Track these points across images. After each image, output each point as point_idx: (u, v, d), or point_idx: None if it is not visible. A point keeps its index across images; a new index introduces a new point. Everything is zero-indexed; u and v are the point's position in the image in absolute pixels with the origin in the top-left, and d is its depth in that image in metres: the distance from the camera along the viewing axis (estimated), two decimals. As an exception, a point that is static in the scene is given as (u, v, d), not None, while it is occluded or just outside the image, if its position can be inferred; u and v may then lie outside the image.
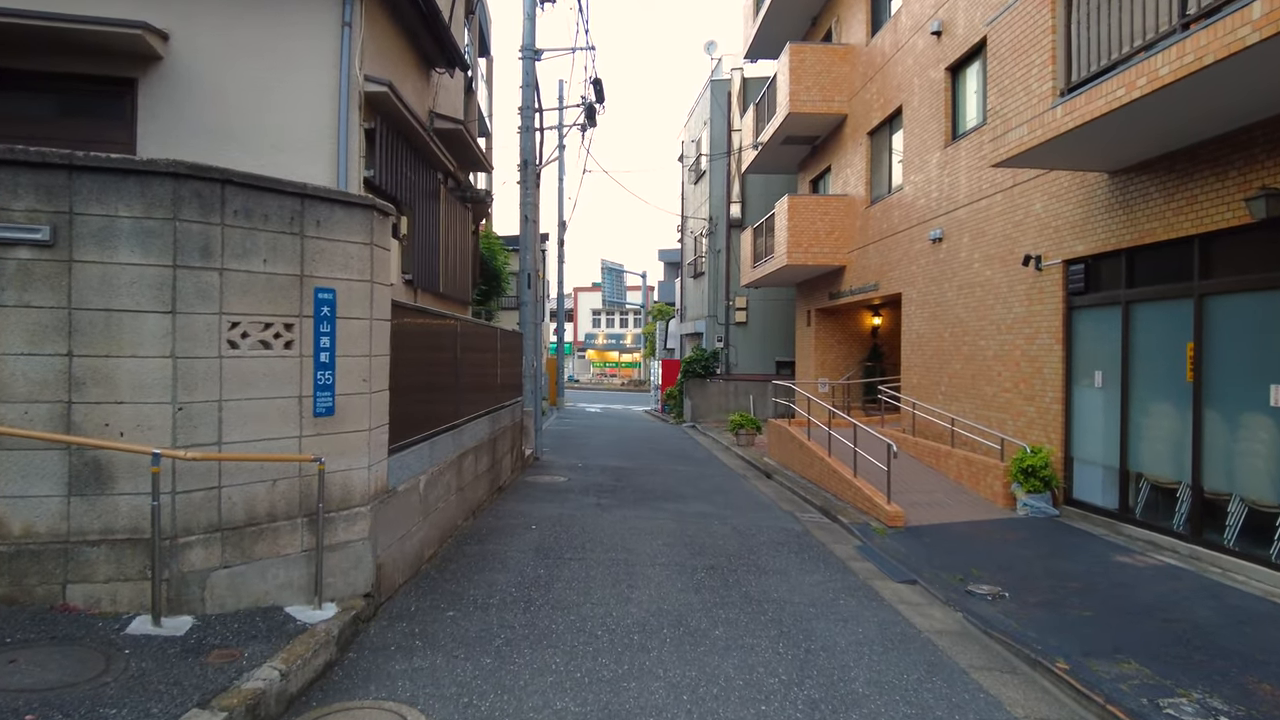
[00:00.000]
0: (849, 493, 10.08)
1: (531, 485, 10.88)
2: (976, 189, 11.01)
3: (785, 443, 13.59)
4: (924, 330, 12.77)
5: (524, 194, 13.53)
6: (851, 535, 8.58)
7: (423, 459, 6.21)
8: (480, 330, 8.56)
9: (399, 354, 5.69)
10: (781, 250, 16.98)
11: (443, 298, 8.79)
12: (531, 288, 13.46)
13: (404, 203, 7.51)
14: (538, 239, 13.68)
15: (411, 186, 7.84)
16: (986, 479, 9.82)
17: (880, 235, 14.76)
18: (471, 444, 8.03)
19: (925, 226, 12.71)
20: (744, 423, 16.97)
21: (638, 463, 13.96)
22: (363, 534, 4.85)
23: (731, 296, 24.46)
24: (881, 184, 15.21)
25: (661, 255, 52.26)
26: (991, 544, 7.91)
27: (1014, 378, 9.99)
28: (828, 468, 11.01)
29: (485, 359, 8.93)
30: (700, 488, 11.39)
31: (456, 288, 9.29)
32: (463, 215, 9.53)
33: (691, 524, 8.68)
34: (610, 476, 12.01)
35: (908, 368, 13.42)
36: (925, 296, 12.73)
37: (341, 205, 4.74)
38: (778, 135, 18.22)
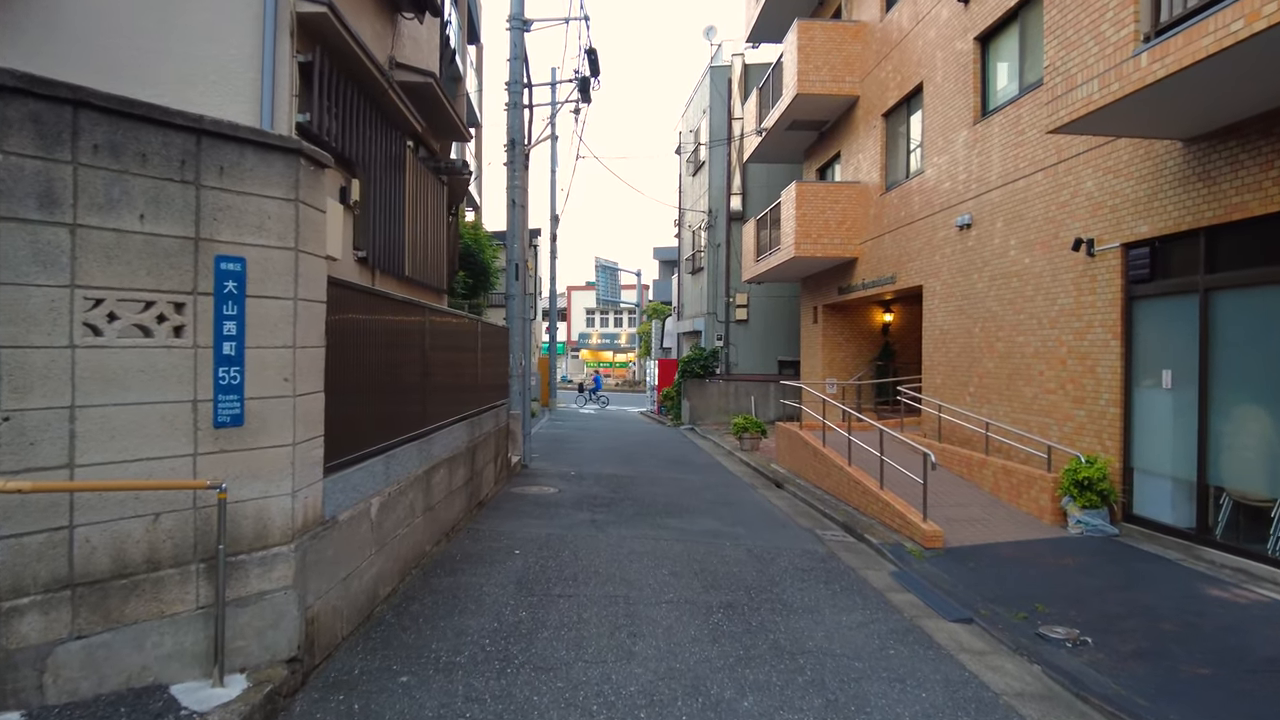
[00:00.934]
0: (874, 507, 8.96)
1: (518, 498, 9.72)
2: (1013, 168, 9.91)
3: (796, 449, 12.47)
4: (949, 326, 11.67)
5: (511, 176, 12.38)
6: (884, 559, 7.46)
7: (376, 478, 5.06)
8: (456, 323, 7.41)
9: (343, 347, 4.54)
10: (789, 242, 15.87)
11: (410, 283, 7.61)
12: (519, 279, 12.31)
13: (357, 164, 6.30)
14: (525, 226, 12.53)
15: (367, 145, 6.61)
16: (1030, 492, 8.71)
17: (897, 224, 13.66)
18: (444, 455, 6.88)
19: (950, 212, 11.62)
20: (748, 426, 15.85)
21: (636, 470, 12.83)
22: (284, 581, 3.70)
23: (732, 293, 23.35)
24: (898, 169, 14.11)
25: (657, 253, 51.25)
26: (1049, 570, 6.80)
27: (1059, 378, 8.89)
28: (848, 478, 9.89)
29: (463, 357, 7.79)
30: (705, 499, 10.26)
31: (428, 273, 8.13)
32: (436, 191, 8.38)
33: (700, 545, 7.55)
34: (606, 487, 10.87)
35: (930, 367, 12.32)
36: (950, 289, 11.63)
37: (255, 148, 3.59)
38: (783, 120, 17.11)
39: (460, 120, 7.98)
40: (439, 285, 8.61)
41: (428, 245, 7.95)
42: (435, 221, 8.29)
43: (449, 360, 7.12)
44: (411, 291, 7.48)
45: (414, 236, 7.38)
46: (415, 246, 7.51)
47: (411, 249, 7.31)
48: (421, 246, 7.70)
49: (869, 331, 17.86)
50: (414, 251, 7.44)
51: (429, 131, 8.03)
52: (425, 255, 7.88)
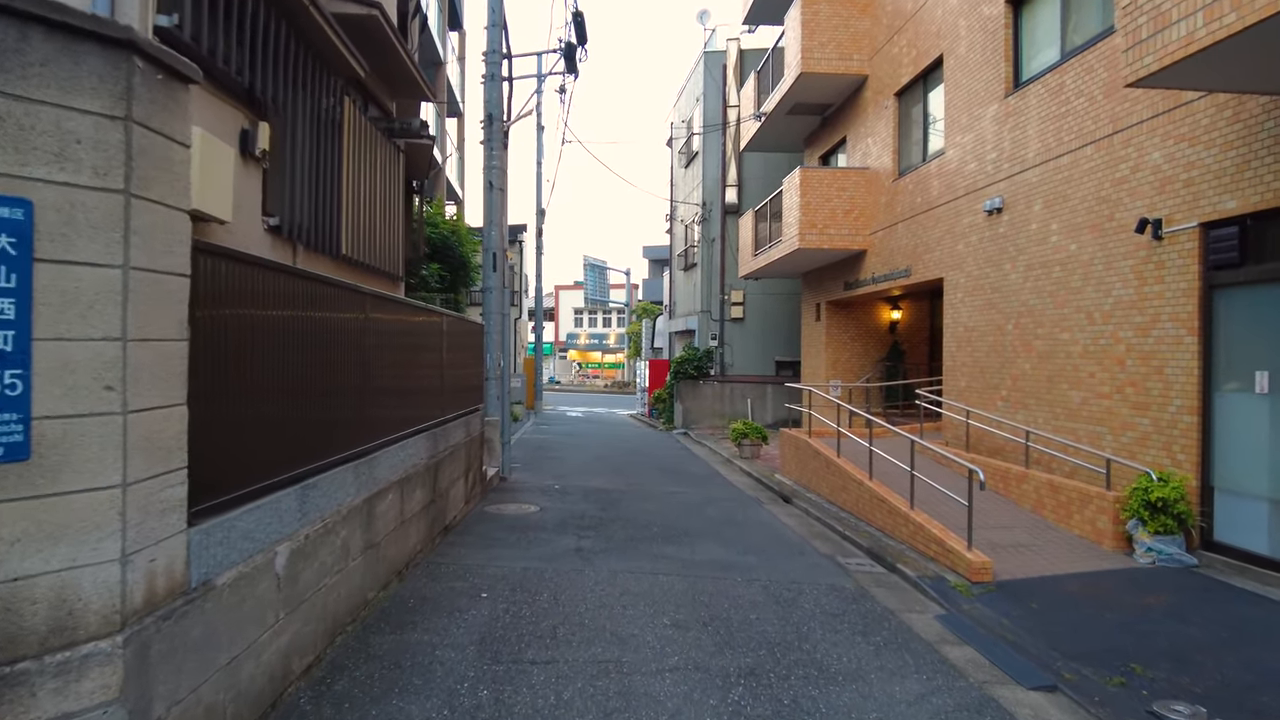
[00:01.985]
0: (904, 530, 7.77)
1: (493, 520, 8.46)
2: (1054, 143, 8.75)
3: (805, 458, 11.28)
4: (976, 322, 10.50)
5: (489, 155, 11.13)
6: (926, 596, 6.27)
7: (286, 517, 3.80)
8: (414, 317, 6.16)
9: (231, 342, 3.28)
10: (792, 233, 14.68)
11: (351, 266, 6.29)
12: (497, 270, 11.05)
13: (270, 106, 4.95)
14: (504, 212, 11.28)
15: (287, 85, 5.17)
16: (1084, 512, 7.54)
17: (913, 211, 12.50)
18: (394, 476, 5.62)
19: (977, 196, 10.45)
20: (748, 432, 14.65)
21: (627, 482, 11.59)
22: (103, 693, 2.44)
23: (727, 290, 22.15)
24: (913, 152, 12.95)
25: (647, 252, 50.09)
26: (1131, 613, 5.61)
27: (1115, 380, 7.72)
28: (870, 495, 8.69)
29: (424, 356, 6.53)
30: (707, 518, 9.04)
31: (378, 256, 6.83)
32: (390, 158, 7.07)
33: (706, 582, 6.32)
34: (594, 503, 9.62)
35: (952, 368, 11.15)
36: (977, 281, 10.47)
37: (48, 29, 2.34)
38: (785, 102, 15.93)
39: (419, 73, 6.68)
40: (393, 271, 7.33)
41: (376, 222, 6.66)
42: (388, 195, 7.01)
43: (403, 360, 5.86)
44: (353, 276, 6.19)
45: (356, 209, 6.07)
46: (358, 222, 6.22)
47: (352, 224, 6.02)
48: (367, 223, 6.40)
49: (876, 330, 16.71)
50: (355, 228, 6.14)
51: (379, 84, 6.72)
52: (373, 234, 6.59)
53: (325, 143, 5.60)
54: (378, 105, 6.84)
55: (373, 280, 6.59)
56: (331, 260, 5.75)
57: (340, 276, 5.21)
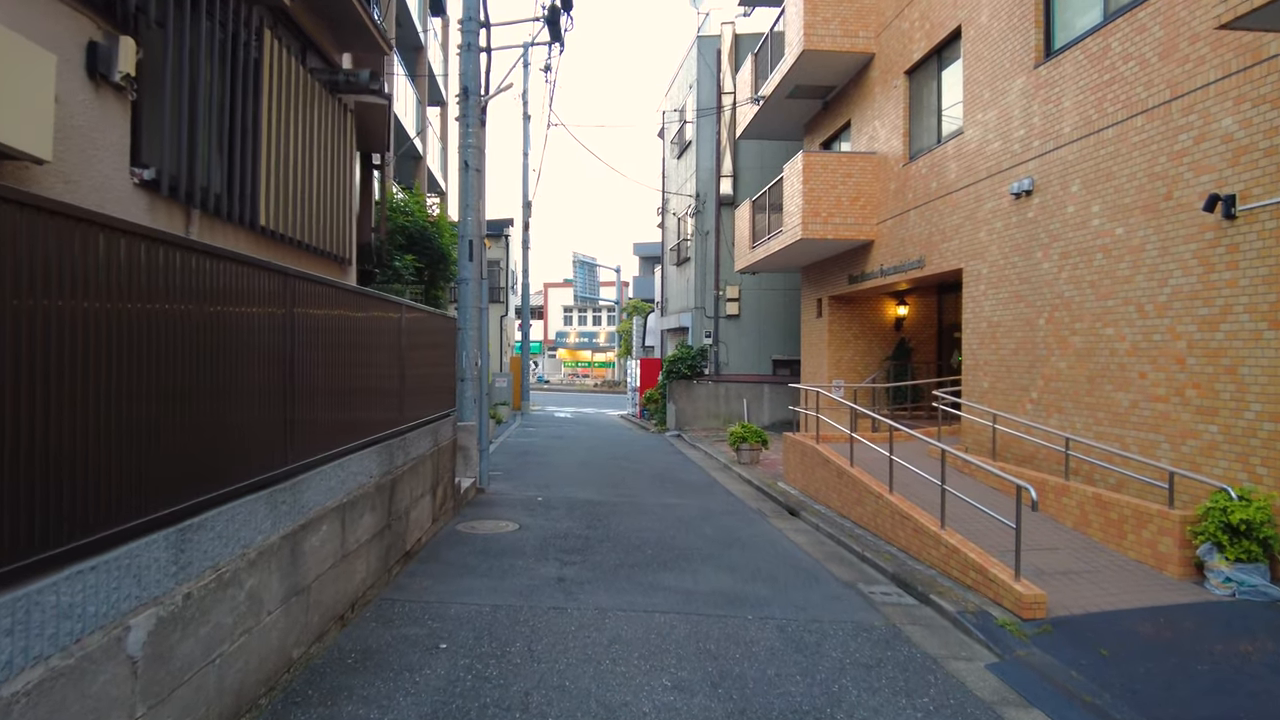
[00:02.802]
0: (934, 552, 6.80)
1: (464, 542, 7.44)
2: (1096, 115, 7.80)
3: (812, 466, 10.30)
4: (1001, 317, 9.55)
5: (464, 132, 10.10)
6: (970, 637, 5.30)
7: (147, 575, 2.77)
8: (360, 305, 5.13)
9: (41, 331, 2.26)
10: (794, 222, 13.71)
11: (277, 241, 5.11)
12: (474, 260, 10.02)
13: (135, 16, 3.78)
14: (482, 195, 10.24)
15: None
16: (1141, 532, 6.59)
17: (926, 197, 11.54)
18: (331, 502, 4.59)
19: (1002, 178, 9.50)
20: (747, 436, 13.66)
21: (618, 493, 10.58)
22: None
23: (722, 285, 21.18)
24: (926, 133, 11.99)
25: (637, 249, 49.17)
26: (1227, 664, 4.65)
27: (1174, 381, 6.78)
28: (890, 511, 7.72)
29: (376, 355, 5.49)
30: (707, 537, 8.04)
31: (315, 232, 5.69)
32: (334, 118, 5.93)
33: (711, 622, 5.32)
34: (580, 519, 8.61)
35: (973, 367, 10.20)
36: (1003, 271, 9.52)
37: None
38: (785, 84, 14.95)
39: (364, 9, 5.56)
40: (338, 254, 6.24)
41: (315, 194, 5.56)
42: (333, 163, 5.94)
43: (346, 359, 4.83)
44: (281, 255, 5.12)
45: (284, 174, 4.96)
46: (287, 189, 5.11)
47: (278, 191, 4.92)
48: (301, 193, 5.30)
49: (881, 327, 15.77)
50: (283, 196, 5.03)
51: (321, 28, 5.61)
52: (309, 207, 5.48)
53: (238, 85, 4.48)
54: (321, 56, 5.76)
55: (310, 263, 5.54)
56: (249, 233, 4.67)
57: (260, 254, 4.19)
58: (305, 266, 5.19)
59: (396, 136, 20.52)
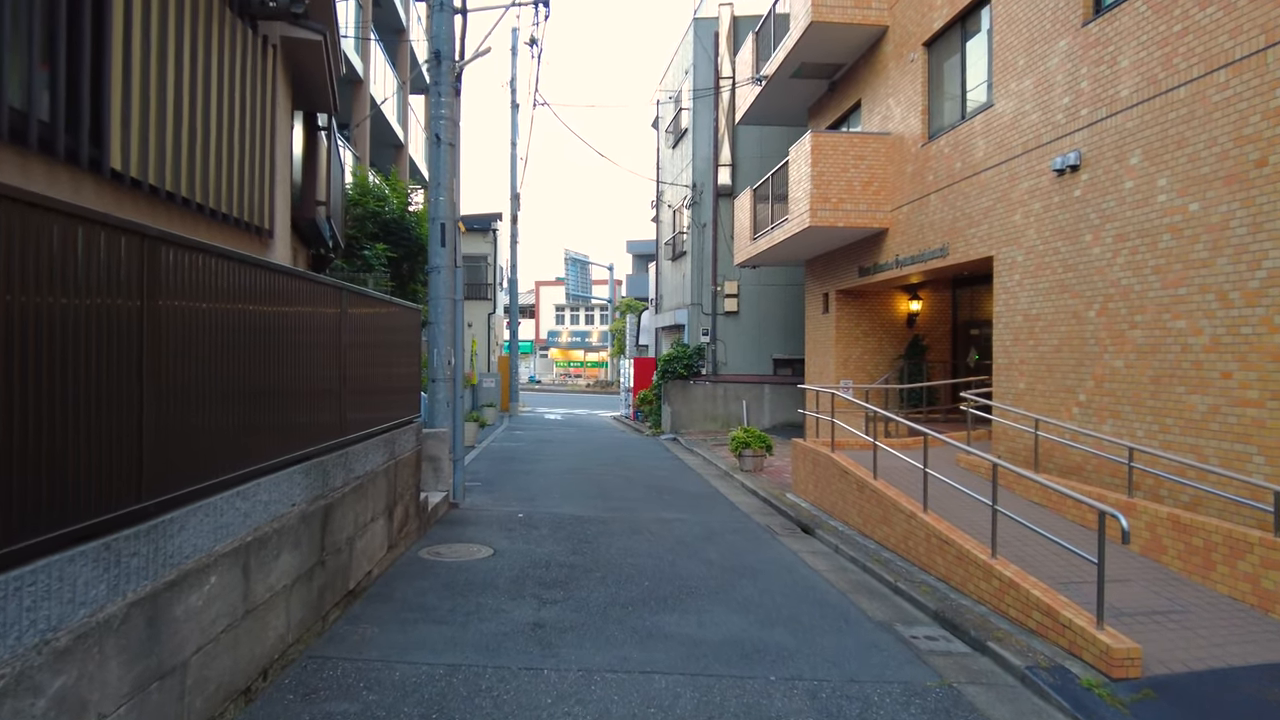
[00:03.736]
0: (982, 584, 5.71)
1: (425, 573, 6.30)
2: (1164, 72, 6.73)
3: (826, 477, 9.21)
4: (1041, 309, 8.48)
5: (435, 102, 8.97)
6: (1048, 702, 4.21)
7: None
8: (269, 285, 3.98)
9: None
10: (801, 209, 12.61)
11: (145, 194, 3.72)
12: (446, 245, 8.88)
13: None
14: (455, 174, 9.12)
15: None
16: (1238, 564, 5.51)
17: (950, 179, 10.47)
18: (224, 545, 3.46)
19: (1042, 153, 8.43)
20: (750, 441, 12.56)
21: (609, 506, 9.46)
22: None
23: (720, 280, 20.09)
24: (949, 109, 10.92)
25: (630, 246, 48.09)
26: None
27: (1270, 383, 5.70)
28: (926, 532, 6.63)
29: (301, 353, 4.36)
30: (713, 563, 6.93)
31: (214, 191, 4.34)
32: (248, 51, 4.54)
33: (725, 686, 4.21)
34: (565, 541, 7.49)
35: (1007, 366, 9.13)
36: (1042, 258, 8.44)
37: None
38: (790, 61, 13.86)
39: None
40: (252, 222, 4.99)
41: (212, 141, 4.29)
42: (245, 110, 4.74)
43: (248, 356, 3.69)
44: (150, 214, 3.89)
45: (154, 107, 3.73)
46: (162, 129, 3.86)
47: (145, 128, 3.69)
48: (189, 137, 4.04)
49: (892, 323, 14.69)
50: (155, 137, 3.80)
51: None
52: (204, 158, 4.24)
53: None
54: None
55: (206, 229, 4.37)
56: (94, 180, 3.43)
57: (114, 209, 3.05)
58: (199, 234, 4.05)
59: (377, 125, 19.34)
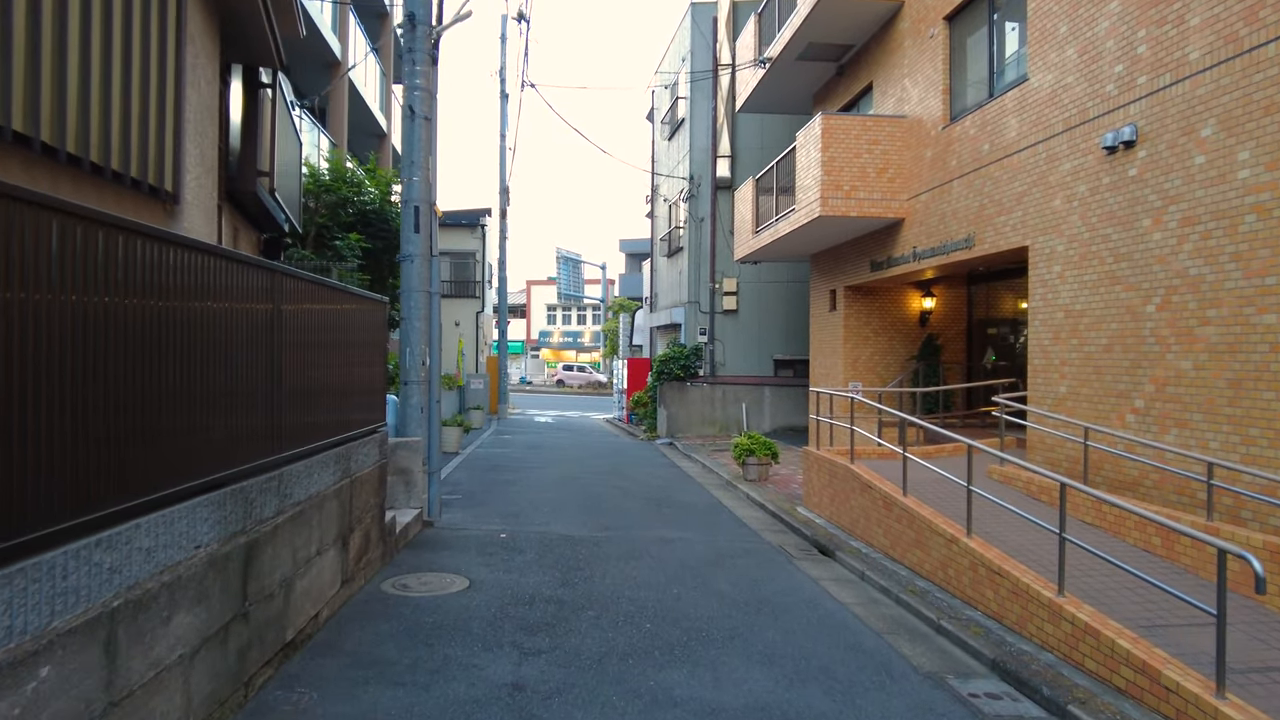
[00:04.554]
0: (1046, 626, 4.78)
1: (386, 611, 5.33)
2: (1245, 27, 5.82)
3: (845, 491, 8.27)
4: (1086, 304, 7.57)
5: (409, 71, 8.00)
6: (1175, 806, 3.28)
7: None
8: (169, 261, 3.03)
9: None
10: (811, 197, 11.69)
11: None
12: (420, 232, 7.92)
13: None
14: (431, 151, 8.15)
15: None
16: (1353, 603, 4.60)
17: (976, 163, 9.56)
18: (76, 616, 2.49)
19: (1089, 130, 7.53)
20: (755, 448, 11.63)
21: (603, 524, 8.51)
22: None
23: (718, 277, 19.17)
24: (974, 87, 10.01)
25: (624, 245, 47.14)
26: None
27: (1388, 387, 4.80)
28: (971, 560, 5.69)
29: (214, 351, 3.39)
30: (725, 596, 5.98)
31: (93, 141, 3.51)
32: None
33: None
34: (554, 568, 6.53)
35: (1045, 367, 8.22)
36: (1088, 247, 7.54)
37: None
38: (796, 41, 12.95)
39: None
40: (152, 183, 4.00)
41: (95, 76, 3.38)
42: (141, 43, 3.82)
43: (122, 356, 2.74)
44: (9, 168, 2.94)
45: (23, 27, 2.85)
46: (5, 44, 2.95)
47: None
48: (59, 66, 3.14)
49: (904, 322, 13.79)
50: None
51: None
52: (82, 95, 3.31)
53: None
54: None
55: (74, 186, 3.37)
56: None
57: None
58: (61, 191, 3.08)
59: (357, 112, 18.22)
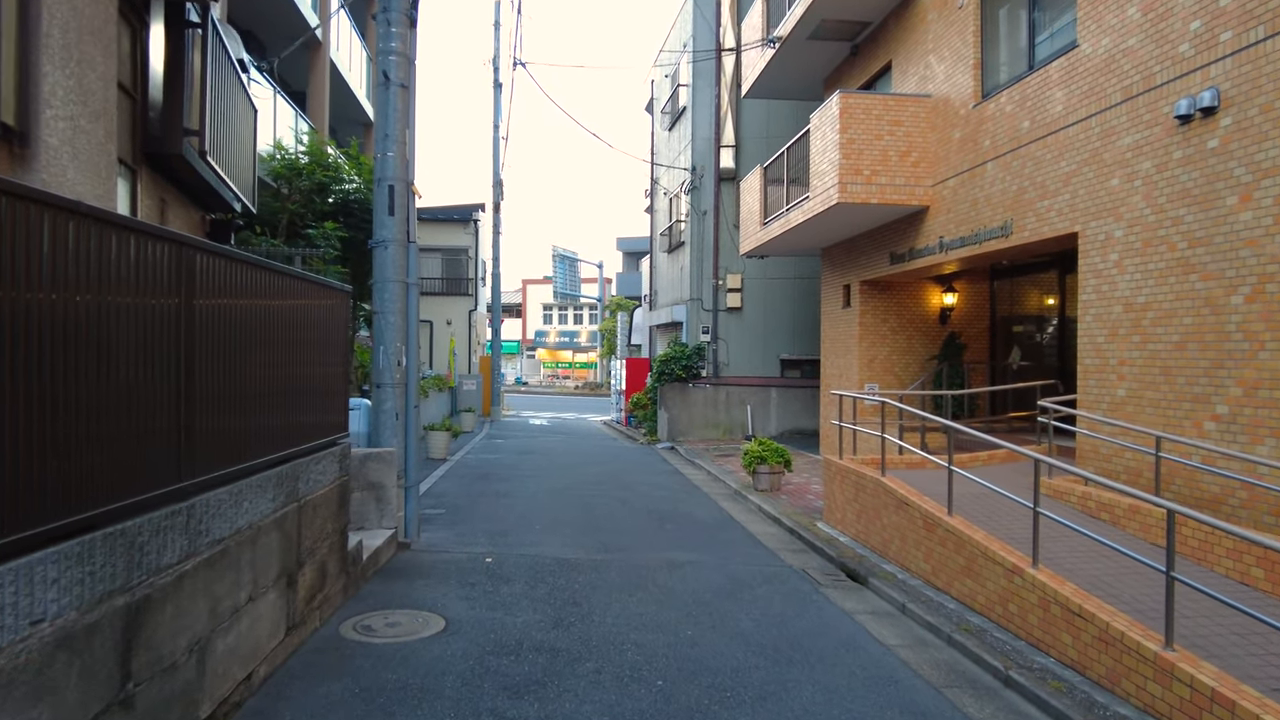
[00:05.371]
0: (1153, 687, 3.86)
1: (339, 666, 4.39)
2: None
3: (875, 507, 7.35)
4: (1152, 295, 6.66)
5: (383, 33, 7.07)
6: None
7: None
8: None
9: None
10: (828, 183, 10.78)
11: None
12: (395, 215, 6.98)
13: None
14: (408, 124, 7.22)
15: None
16: None
17: (1014, 142, 8.66)
18: None
19: (1155, 97, 6.62)
20: (766, 455, 10.71)
21: (602, 543, 7.58)
22: None
23: (722, 274, 18.26)
24: (1011, 59, 9.11)
25: (621, 244, 46.31)
26: None
27: None
28: (1040, 596, 4.77)
29: (76, 346, 2.49)
30: (748, 638, 5.05)
31: None
32: None
33: None
34: (544, 605, 5.59)
35: (1099, 368, 7.31)
36: (1154, 231, 6.63)
37: None
38: (808, 19, 12.05)
39: None
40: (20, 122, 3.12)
41: None
42: None
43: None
44: None
45: None
46: None
47: None
48: None
49: (923, 319, 12.89)
50: None
51: None
52: None
53: None
54: None
55: None
56: None
57: None
58: None
59: (341, 98, 17.15)
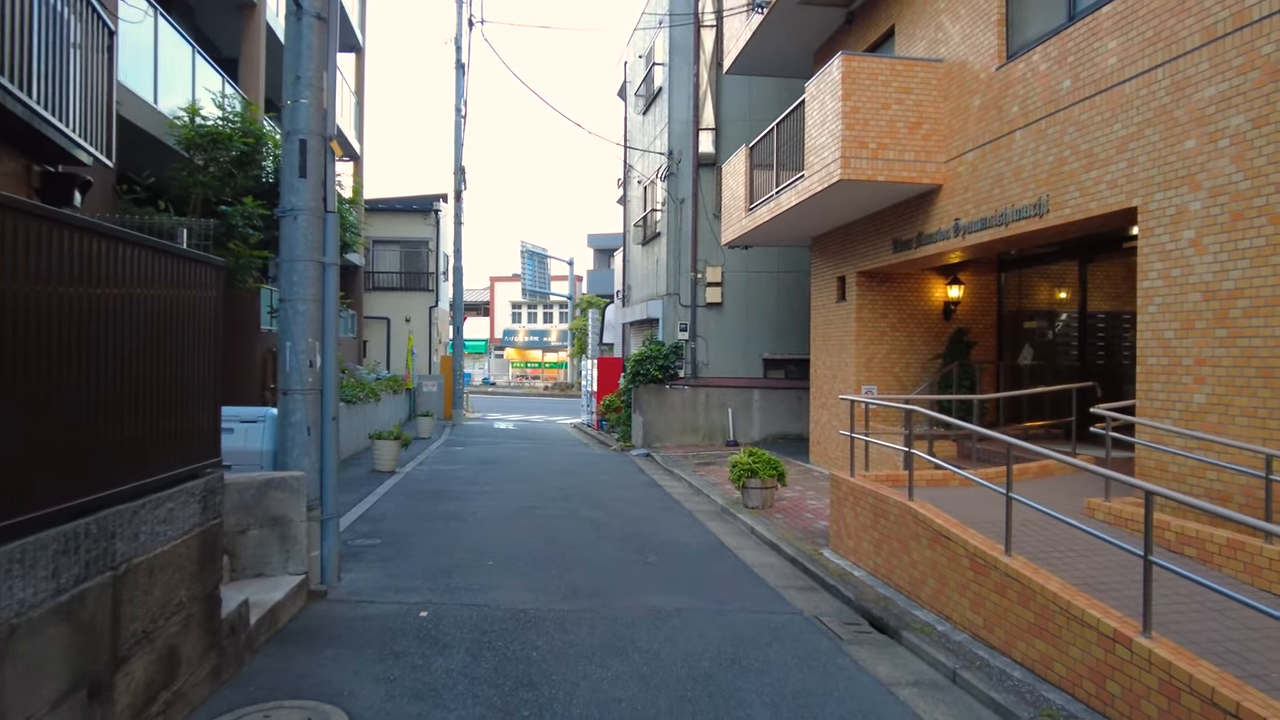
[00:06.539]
0: None
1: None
2: None
3: (904, 538, 6.05)
4: (1241, 281, 5.46)
5: (289, -53, 5.60)
6: None
7: None
8: None
9: None
10: (828, 158, 9.50)
11: None
12: (308, 176, 5.53)
13: None
14: (330, 65, 5.78)
15: None
16: None
17: (1050, 106, 7.44)
18: None
19: (1245, 37, 5.42)
20: (757, 468, 9.39)
21: (569, 585, 6.20)
22: None
23: (700, 267, 16.96)
24: (1042, 12, 7.89)
25: (592, 240, 44.82)
26: None
27: None
28: (1162, 679, 3.49)
29: None
30: (762, 733, 3.72)
31: None
32: None
33: None
34: (491, 688, 4.21)
35: (1168, 368, 6.10)
36: (1247, 201, 5.42)
37: None
38: (802, -22, 10.78)
39: None
40: None
41: None
42: None
43: None
44: None
45: None
46: None
47: None
48: None
49: (925, 314, 11.70)
50: None
51: None
52: None
53: None
54: None
55: None
56: None
57: None
58: None
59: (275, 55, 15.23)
